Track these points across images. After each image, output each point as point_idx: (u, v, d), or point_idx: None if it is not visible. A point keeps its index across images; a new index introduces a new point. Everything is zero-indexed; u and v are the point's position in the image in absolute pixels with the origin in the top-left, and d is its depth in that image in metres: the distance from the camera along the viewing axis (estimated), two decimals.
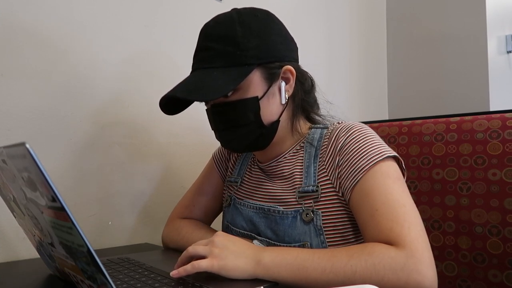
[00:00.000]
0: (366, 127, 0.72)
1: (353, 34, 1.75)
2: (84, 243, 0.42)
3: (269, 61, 0.71)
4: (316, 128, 0.77)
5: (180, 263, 0.64)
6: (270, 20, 0.73)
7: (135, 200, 1.05)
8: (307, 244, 0.70)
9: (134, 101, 1.05)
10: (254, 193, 0.81)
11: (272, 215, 0.74)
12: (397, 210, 0.61)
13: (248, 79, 0.69)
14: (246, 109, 0.70)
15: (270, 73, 0.71)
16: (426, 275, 0.55)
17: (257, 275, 0.60)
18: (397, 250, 0.57)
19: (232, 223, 0.82)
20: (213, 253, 0.60)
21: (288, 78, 0.73)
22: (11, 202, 0.60)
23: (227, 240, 0.63)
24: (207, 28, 0.72)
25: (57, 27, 0.92)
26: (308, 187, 0.71)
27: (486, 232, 0.91)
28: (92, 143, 0.97)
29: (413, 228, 0.59)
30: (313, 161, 0.73)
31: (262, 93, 0.70)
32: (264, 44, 0.70)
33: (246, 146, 0.74)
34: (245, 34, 0.69)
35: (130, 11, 1.05)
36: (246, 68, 0.68)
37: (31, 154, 0.40)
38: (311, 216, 0.70)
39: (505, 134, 0.91)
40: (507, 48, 1.76)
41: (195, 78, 0.70)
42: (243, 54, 0.68)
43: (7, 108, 0.85)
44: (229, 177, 0.89)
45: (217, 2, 1.24)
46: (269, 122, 0.72)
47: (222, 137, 0.74)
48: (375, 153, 0.67)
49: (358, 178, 0.66)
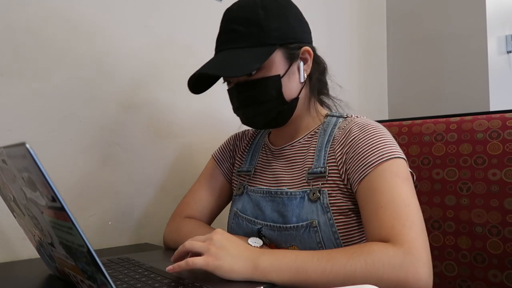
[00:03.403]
0: (382, 126, 0.74)
1: (353, 34, 1.75)
2: (84, 243, 0.42)
3: (289, 42, 0.75)
4: (331, 116, 0.81)
5: (177, 257, 0.64)
6: (289, 4, 0.78)
7: (135, 200, 1.05)
8: (315, 222, 0.71)
9: (134, 102, 1.05)
10: (264, 178, 0.83)
11: (280, 197, 0.76)
12: (401, 209, 0.62)
13: (270, 59, 0.73)
14: (268, 87, 0.74)
15: (290, 53, 0.76)
16: (422, 273, 0.56)
17: (254, 278, 0.60)
18: (395, 248, 0.58)
19: (241, 210, 0.83)
20: (210, 251, 0.60)
21: (306, 59, 0.78)
22: (11, 202, 0.60)
23: (225, 239, 0.62)
24: (230, 12, 0.76)
25: (57, 27, 0.92)
26: (317, 169, 0.74)
27: (486, 232, 0.91)
28: (92, 143, 0.97)
29: (414, 228, 0.60)
30: (324, 146, 0.76)
31: (284, 71, 0.75)
32: (284, 26, 0.75)
33: (268, 122, 0.78)
34: (267, 17, 0.73)
35: (129, 11, 1.05)
36: (269, 48, 0.73)
37: (31, 154, 0.40)
38: (318, 195, 0.72)
39: (505, 134, 0.91)
40: (507, 48, 1.76)
41: (222, 57, 0.74)
42: (266, 35, 0.73)
43: (7, 108, 0.85)
44: (239, 167, 0.91)
45: (217, 2, 1.24)
46: (290, 99, 0.76)
47: (245, 114, 0.78)
48: (386, 151, 0.68)
49: (367, 172, 0.68)
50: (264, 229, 0.77)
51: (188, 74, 0.78)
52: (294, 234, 0.73)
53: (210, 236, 0.63)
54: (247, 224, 0.81)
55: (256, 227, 0.79)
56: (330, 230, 0.70)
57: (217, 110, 1.23)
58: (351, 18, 1.74)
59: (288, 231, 0.73)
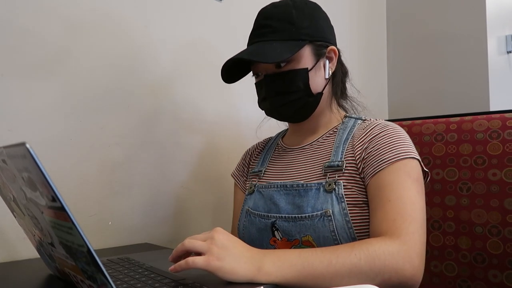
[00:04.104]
0: (401, 128, 0.79)
1: (353, 34, 1.75)
2: (84, 243, 0.42)
3: (318, 40, 0.81)
4: (350, 118, 0.86)
5: (175, 256, 0.63)
6: (318, 8, 0.85)
7: (135, 200, 1.05)
8: (329, 211, 0.72)
9: (134, 102, 1.05)
10: (278, 173, 0.86)
11: (296, 190, 0.79)
12: (407, 206, 0.67)
13: (300, 52, 0.78)
14: (297, 78, 0.79)
15: (318, 50, 0.81)
16: (416, 261, 0.62)
17: (256, 280, 0.59)
18: (392, 239, 0.63)
19: (253, 207, 0.84)
20: (211, 251, 0.59)
21: (331, 58, 0.84)
22: (11, 202, 0.60)
23: (227, 239, 0.61)
24: (266, 10, 0.83)
25: (57, 26, 0.92)
26: (335, 162, 0.78)
27: (486, 232, 0.91)
28: (92, 143, 0.97)
29: (414, 224, 0.65)
30: (343, 142, 0.80)
31: (311, 66, 0.80)
32: (314, 25, 0.81)
33: (293, 113, 0.82)
34: (299, 16, 0.80)
35: (132, 9, 1.05)
36: (300, 42, 0.78)
37: (31, 154, 0.40)
38: (333, 187, 0.75)
39: (505, 134, 0.91)
40: (507, 48, 1.76)
41: (256, 47, 0.79)
42: (298, 31, 0.79)
43: (7, 108, 0.85)
44: (251, 169, 0.93)
45: (217, 2, 1.24)
46: (316, 92, 0.81)
47: (272, 104, 0.81)
48: (403, 151, 0.72)
49: (381, 168, 0.71)
50: (278, 222, 0.78)
51: (188, 74, 0.78)
52: (309, 223, 0.74)
53: (211, 235, 0.61)
54: (260, 219, 0.81)
55: (270, 221, 0.79)
56: (344, 219, 0.72)
57: (212, 114, 1.23)
58: (351, 18, 1.74)
59: (303, 220, 0.75)
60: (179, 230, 1.13)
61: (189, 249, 0.62)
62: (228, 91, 1.25)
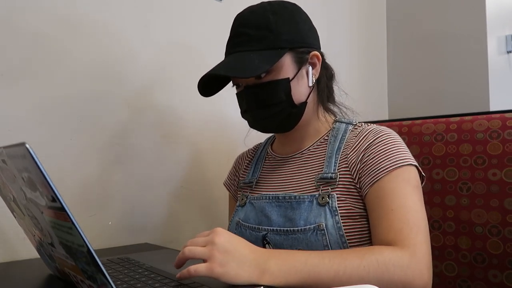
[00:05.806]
0: (395, 133, 0.76)
1: (353, 34, 1.75)
2: (84, 243, 0.42)
3: (299, 46, 0.76)
4: (340, 123, 0.82)
5: (178, 263, 0.62)
6: (298, 10, 0.79)
7: (135, 200, 1.05)
8: (322, 225, 0.70)
9: (134, 102, 1.05)
10: (270, 185, 0.83)
11: (288, 202, 0.76)
12: (411, 214, 0.65)
13: (280, 62, 0.74)
14: (278, 89, 0.74)
15: (299, 57, 0.76)
16: (425, 274, 0.61)
17: (261, 283, 0.58)
18: (402, 250, 0.61)
19: (243, 219, 0.82)
20: (213, 258, 0.57)
21: (314, 63, 0.79)
22: (11, 202, 0.60)
23: (228, 242, 0.59)
24: (241, 17, 0.78)
25: (57, 27, 0.92)
26: (328, 174, 0.75)
27: (486, 232, 0.91)
28: (92, 143, 0.97)
29: (420, 233, 0.64)
30: (335, 152, 0.77)
31: (293, 75, 0.75)
32: (294, 31, 0.76)
33: (277, 125, 0.78)
34: (278, 21, 0.74)
35: (132, 12, 1.05)
36: (279, 51, 0.74)
37: (31, 154, 0.40)
38: (327, 200, 0.72)
39: (505, 134, 0.91)
40: (507, 48, 1.76)
41: (233, 59, 0.74)
42: (277, 38, 0.74)
43: (7, 108, 0.85)
44: (242, 179, 0.90)
45: (217, 2, 1.24)
46: (299, 102, 0.77)
47: (254, 117, 0.78)
48: (400, 158, 0.70)
49: (380, 177, 0.69)
50: (269, 235, 0.76)
51: (188, 74, 0.78)
52: (301, 237, 0.72)
53: (211, 240, 0.59)
54: (250, 232, 0.79)
55: (261, 233, 0.77)
56: (338, 233, 0.70)
57: (212, 113, 1.23)
58: (351, 18, 1.74)
59: (296, 234, 0.72)
60: (179, 230, 1.13)
61: (190, 258, 0.60)
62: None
